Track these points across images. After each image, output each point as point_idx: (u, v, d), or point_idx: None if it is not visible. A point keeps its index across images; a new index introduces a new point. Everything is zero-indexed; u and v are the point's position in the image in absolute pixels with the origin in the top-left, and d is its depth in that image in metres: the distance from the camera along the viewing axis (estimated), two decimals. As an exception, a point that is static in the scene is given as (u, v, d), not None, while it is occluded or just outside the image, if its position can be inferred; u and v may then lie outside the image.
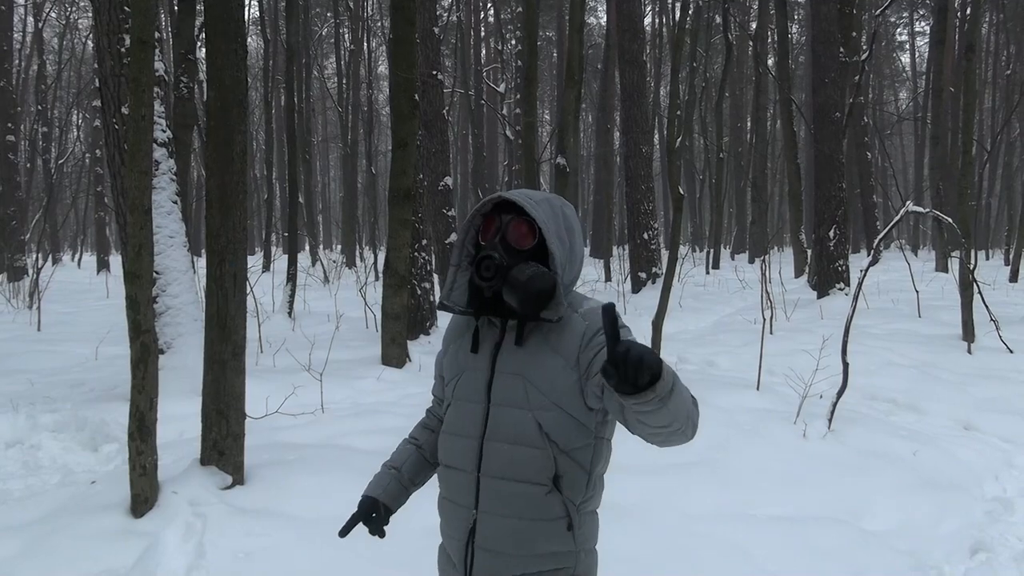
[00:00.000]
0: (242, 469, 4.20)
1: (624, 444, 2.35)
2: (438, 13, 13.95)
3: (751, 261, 25.02)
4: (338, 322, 10.14)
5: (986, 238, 30.39)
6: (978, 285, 8.98)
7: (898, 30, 40.08)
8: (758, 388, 6.64)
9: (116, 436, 5.48)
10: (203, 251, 4.25)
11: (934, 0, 21.04)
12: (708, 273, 20.21)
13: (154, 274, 6.39)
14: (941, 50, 19.43)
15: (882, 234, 6.81)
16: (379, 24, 31.40)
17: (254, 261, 20.50)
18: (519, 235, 1.75)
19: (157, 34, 7.41)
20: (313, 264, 24.35)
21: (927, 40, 32.36)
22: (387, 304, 7.90)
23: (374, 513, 1.97)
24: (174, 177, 6.94)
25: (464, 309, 1.84)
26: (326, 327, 10.13)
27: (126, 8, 6.27)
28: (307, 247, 29.45)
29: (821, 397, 6.08)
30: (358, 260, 26.21)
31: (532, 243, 1.74)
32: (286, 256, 12.59)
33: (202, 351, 4.22)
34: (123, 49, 6.34)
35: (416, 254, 9.73)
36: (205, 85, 14.55)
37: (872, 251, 7.26)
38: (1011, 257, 18.96)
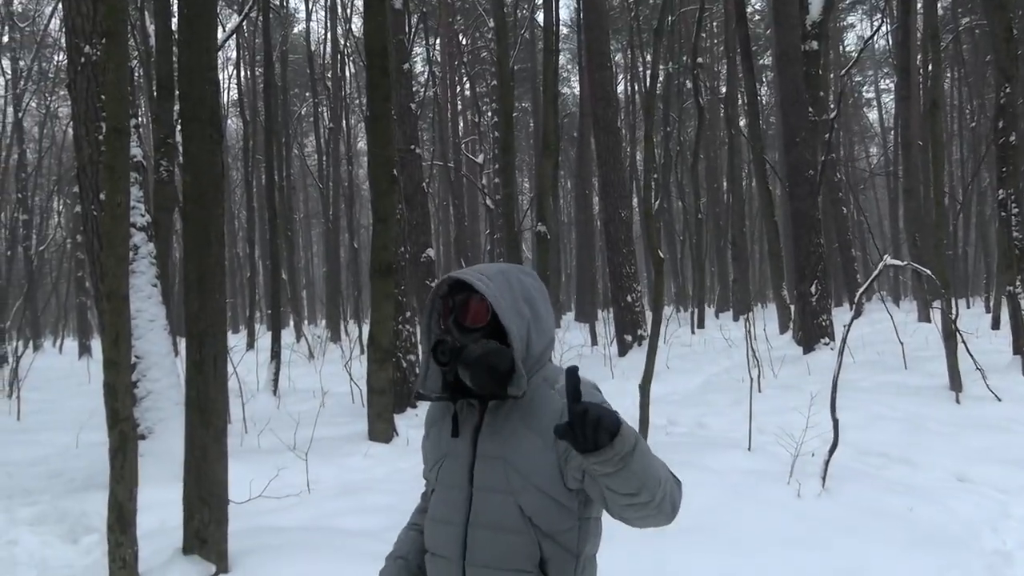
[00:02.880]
0: (225, 557, 4.09)
1: (614, 516, 2.30)
2: (415, 89, 14.21)
3: (735, 319, 25.09)
4: (323, 399, 10.03)
5: (966, 286, 30.69)
6: (961, 335, 9.02)
7: (864, 88, 41.14)
8: (749, 448, 6.58)
9: (96, 527, 5.32)
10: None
11: (897, 59, 21.66)
12: (693, 333, 20.22)
13: (134, 359, 6.32)
14: (907, 105, 19.93)
15: (863, 288, 6.86)
16: (357, 101, 31.91)
17: (238, 340, 20.36)
18: (471, 314, 1.72)
19: (137, 119, 7.48)
20: (298, 340, 24.22)
21: (892, 96, 33.24)
22: (372, 379, 7.84)
23: None
24: (154, 261, 6.93)
25: (440, 395, 1.79)
26: (311, 404, 10.02)
27: (103, 97, 6.34)
28: (291, 323, 29.37)
29: (813, 455, 6.02)
30: (343, 334, 26.10)
31: (486, 320, 1.71)
32: (270, 333, 12.51)
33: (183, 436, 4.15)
34: (100, 137, 6.38)
35: (400, 327, 9.70)
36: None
37: (855, 304, 7.31)
38: (991, 305, 19.13)
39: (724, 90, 22.79)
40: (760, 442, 6.80)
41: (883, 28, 28.98)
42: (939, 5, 19.98)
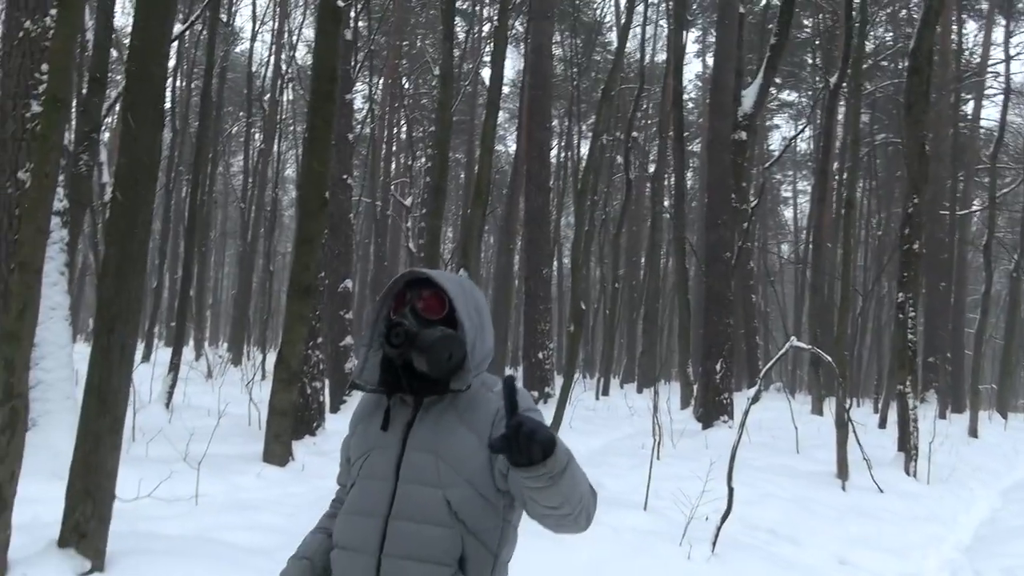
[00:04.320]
0: (103, 556, 3.89)
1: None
2: (353, 123, 14.22)
3: (639, 391, 25.48)
4: (220, 416, 9.69)
5: (857, 387, 32.01)
6: (852, 424, 9.40)
7: (783, 187, 43.11)
8: (645, 508, 6.66)
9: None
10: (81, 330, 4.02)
11: (816, 162, 22.84)
12: (598, 399, 20.45)
13: (29, 346, 6.03)
14: (821, 207, 20.96)
15: (768, 365, 7.11)
16: (291, 128, 31.66)
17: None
18: (428, 306, 1.76)
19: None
20: (197, 359, 23.41)
21: (808, 198, 34.94)
22: (275, 399, 7.64)
23: None
24: (64, 248, 6.67)
25: (376, 388, 1.81)
26: (206, 421, 9.64)
27: (36, 75, 6.16)
28: (192, 341, 28.38)
29: (707, 519, 6.14)
30: (245, 358, 25.36)
31: (442, 314, 1.75)
32: (169, 349, 12.05)
33: (69, 431, 3.97)
34: (28, 114, 6.17)
35: (310, 351, 9.52)
36: (105, 167, 14.21)
37: (758, 381, 7.56)
38: (879, 405, 20.00)
39: (652, 168, 23.54)
40: (656, 505, 6.90)
41: (805, 131, 30.57)
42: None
